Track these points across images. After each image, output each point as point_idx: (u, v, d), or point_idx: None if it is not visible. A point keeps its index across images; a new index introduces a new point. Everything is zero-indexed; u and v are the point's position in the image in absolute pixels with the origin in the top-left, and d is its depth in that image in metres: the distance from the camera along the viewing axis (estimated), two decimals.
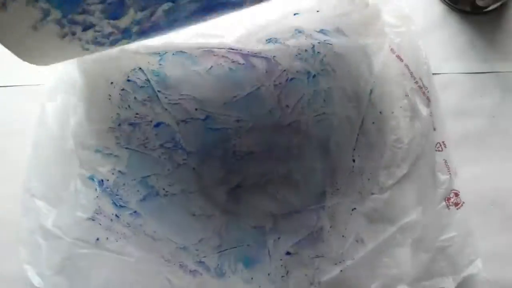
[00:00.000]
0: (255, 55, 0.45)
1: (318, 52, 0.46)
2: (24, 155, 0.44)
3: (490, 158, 0.49)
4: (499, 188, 0.44)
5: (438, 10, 0.52)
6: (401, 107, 0.45)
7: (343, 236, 0.44)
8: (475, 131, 0.49)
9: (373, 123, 0.46)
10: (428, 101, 0.45)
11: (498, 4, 0.50)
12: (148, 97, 0.44)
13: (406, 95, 0.45)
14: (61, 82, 0.44)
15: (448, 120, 0.47)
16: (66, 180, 0.44)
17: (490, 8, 0.50)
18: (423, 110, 0.45)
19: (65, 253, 0.42)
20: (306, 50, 0.46)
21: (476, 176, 0.47)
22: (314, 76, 0.46)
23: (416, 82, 0.45)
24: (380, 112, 0.44)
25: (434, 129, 0.45)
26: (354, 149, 0.46)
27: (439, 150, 0.45)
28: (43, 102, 0.44)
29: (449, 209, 0.45)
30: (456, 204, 0.45)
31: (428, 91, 0.45)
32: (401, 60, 0.46)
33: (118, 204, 0.43)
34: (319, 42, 0.45)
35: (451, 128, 0.47)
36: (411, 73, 0.45)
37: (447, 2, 0.51)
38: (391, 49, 0.46)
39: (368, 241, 0.44)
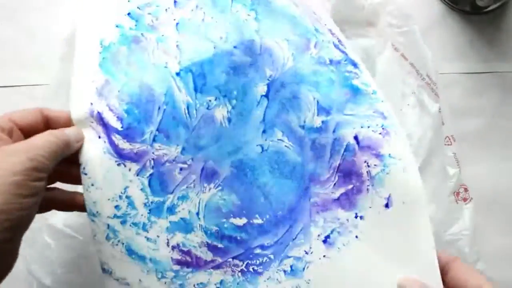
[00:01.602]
0: None
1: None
2: None
3: (490, 157, 0.49)
4: (499, 187, 0.45)
5: (438, 10, 0.51)
6: (408, 104, 0.45)
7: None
8: (475, 131, 0.49)
9: None
10: (437, 97, 0.45)
11: (498, 4, 0.50)
12: None
13: (413, 93, 0.45)
14: (64, 82, 0.44)
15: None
16: None
17: (490, 8, 0.50)
18: (432, 106, 0.45)
19: (78, 252, 0.42)
20: None
21: (476, 176, 0.47)
22: None
23: (423, 79, 0.45)
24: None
25: (443, 124, 0.45)
26: None
27: (448, 144, 0.45)
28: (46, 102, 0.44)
29: (457, 203, 0.45)
30: (464, 199, 0.45)
31: (436, 87, 0.45)
32: (406, 58, 0.45)
33: None
34: None
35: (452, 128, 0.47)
36: (417, 71, 0.45)
37: (447, 2, 0.51)
38: (395, 48, 0.46)
39: None
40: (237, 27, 0.37)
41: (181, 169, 0.36)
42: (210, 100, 0.36)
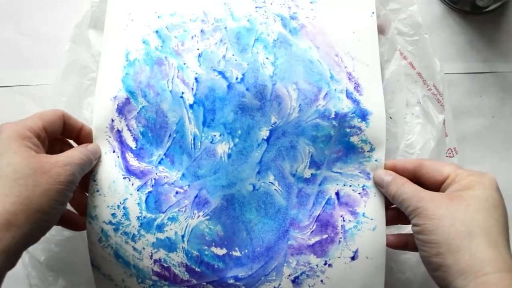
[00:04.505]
0: None
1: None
2: None
3: (490, 158, 0.49)
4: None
5: (438, 10, 0.51)
6: (413, 113, 0.45)
7: None
8: (475, 131, 0.49)
9: None
10: (442, 108, 0.44)
11: (498, 4, 0.50)
12: None
13: (418, 102, 0.45)
14: (73, 64, 0.44)
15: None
16: None
17: (490, 8, 0.50)
18: (437, 117, 0.44)
19: (74, 231, 0.42)
20: None
21: None
22: None
23: (430, 90, 0.45)
24: (391, 117, 0.44)
25: (446, 135, 0.44)
26: None
27: (450, 156, 0.44)
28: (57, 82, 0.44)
29: None
30: None
31: (442, 98, 0.45)
32: (414, 68, 0.45)
33: None
34: None
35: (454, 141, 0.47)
36: (424, 81, 0.45)
37: (447, 2, 0.51)
38: (403, 57, 0.45)
39: None
40: (253, 70, 0.39)
41: (177, 192, 0.39)
42: (215, 135, 0.39)
